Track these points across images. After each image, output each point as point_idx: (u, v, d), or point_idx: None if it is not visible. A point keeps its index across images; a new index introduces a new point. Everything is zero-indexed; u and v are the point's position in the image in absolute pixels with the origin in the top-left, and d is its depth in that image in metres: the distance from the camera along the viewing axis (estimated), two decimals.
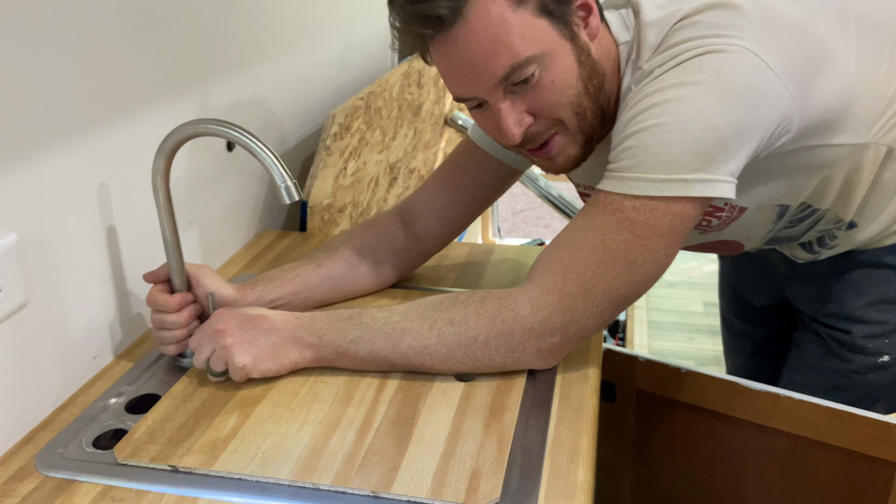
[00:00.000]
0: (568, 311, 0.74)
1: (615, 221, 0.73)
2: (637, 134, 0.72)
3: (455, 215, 0.98)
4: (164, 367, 0.85)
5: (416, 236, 0.98)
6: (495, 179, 0.97)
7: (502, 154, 0.95)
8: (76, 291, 0.81)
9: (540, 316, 0.74)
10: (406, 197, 1.01)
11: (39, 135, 0.74)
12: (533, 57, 0.72)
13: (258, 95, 1.18)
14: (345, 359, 0.78)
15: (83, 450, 0.72)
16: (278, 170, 0.73)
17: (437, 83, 1.87)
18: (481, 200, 0.98)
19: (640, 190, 0.72)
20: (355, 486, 0.65)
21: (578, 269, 0.73)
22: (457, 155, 0.98)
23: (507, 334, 0.75)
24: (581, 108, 0.77)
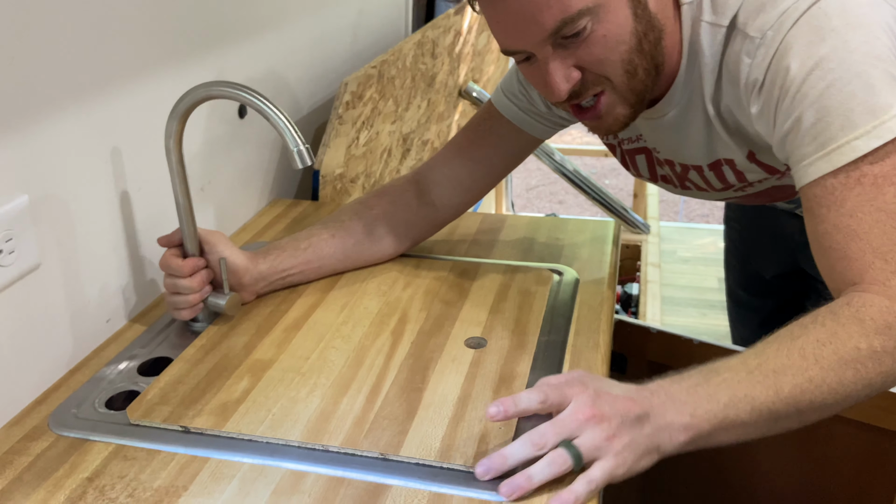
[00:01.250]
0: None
1: (870, 187, 0.66)
2: (813, 106, 0.67)
3: (472, 185, 0.96)
4: (177, 330, 0.86)
5: (431, 205, 0.97)
6: (516, 149, 0.96)
7: (526, 124, 0.93)
8: (89, 254, 0.81)
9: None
10: (423, 163, 1.00)
11: (52, 97, 0.74)
12: (586, 9, 0.68)
13: (271, 62, 1.17)
14: (724, 430, 0.62)
15: (96, 410, 0.73)
16: (291, 134, 0.73)
17: (451, 53, 1.85)
18: (500, 170, 0.97)
19: (863, 147, 0.65)
20: (364, 448, 0.65)
21: (887, 247, 0.65)
22: (478, 122, 0.96)
23: (885, 329, 0.63)
24: (632, 66, 0.73)
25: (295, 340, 0.82)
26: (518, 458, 0.62)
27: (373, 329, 0.84)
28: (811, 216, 0.70)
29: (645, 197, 2.65)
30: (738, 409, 0.62)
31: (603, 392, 0.63)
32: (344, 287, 0.93)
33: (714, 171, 0.86)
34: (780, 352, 0.64)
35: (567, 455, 0.60)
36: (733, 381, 0.63)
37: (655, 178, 0.96)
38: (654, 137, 0.88)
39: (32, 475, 0.64)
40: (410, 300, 0.89)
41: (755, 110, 0.73)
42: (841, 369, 0.63)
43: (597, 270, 0.97)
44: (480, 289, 0.92)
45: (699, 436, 0.62)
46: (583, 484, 0.60)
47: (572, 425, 0.61)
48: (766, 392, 0.62)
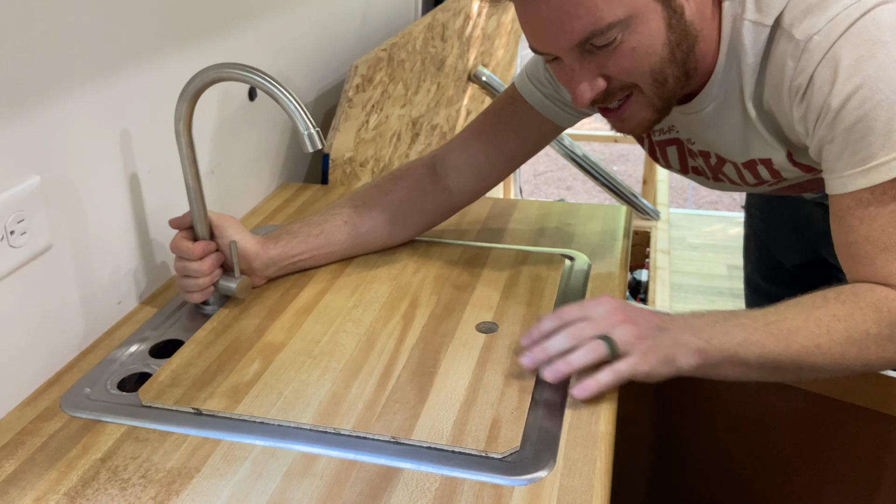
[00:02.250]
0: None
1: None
2: (858, 124, 0.67)
3: (490, 171, 0.95)
4: (188, 313, 0.86)
5: (447, 190, 0.96)
6: (538, 137, 0.94)
7: (550, 111, 0.91)
8: (100, 237, 0.81)
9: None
10: (441, 146, 0.99)
11: (63, 78, 0.73)
12: (616, 22, 0.66)
13: (281, 44, 1.16)
14: (730, 363, 0.69)
15: (108, 392, 0.73)
16: (301, 116, 0.72)
17: (461, 37, 1.84)
18: (520, 157, 0.95)
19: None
20: (376, 431, 0.65)
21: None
22: (501, 108, 0.94)
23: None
24: (662, 76, 0.72)
25: (305, 324, 0.82)
26: (558, 349, 0.69)
27: (383, 313, 0.83)
28: (841, 224, 0.72)
29: (654, 183, 2.64)
30: (748, 350, 0.69)
31: (626, 304, 0.72)
32: (354, 271, 0.92)
33: (749, 170, 0.85)
34: (798, 315, 0.70)
35: (604, 345, 0.67)
36: (750, 327, 0.69)
37: (686, 170, 0.94)
38: (688, 129, 0.86)
39: (45, 456, 0.65)
40: (421, 284, 0.89)
41: (798, 115, 0.72)
42: (847, 345, 0.68)
43: (608, 256, 0.97)
44: (491, 273, 0.91)
45: (708, 363, 0.69)
46: (608, 373, 0.67)
47: (606, 323, 0.69)
48: (777, 344, 0.68)
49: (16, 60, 0.67)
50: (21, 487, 0.61)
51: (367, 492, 0.60)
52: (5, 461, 0.64)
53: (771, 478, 1.02)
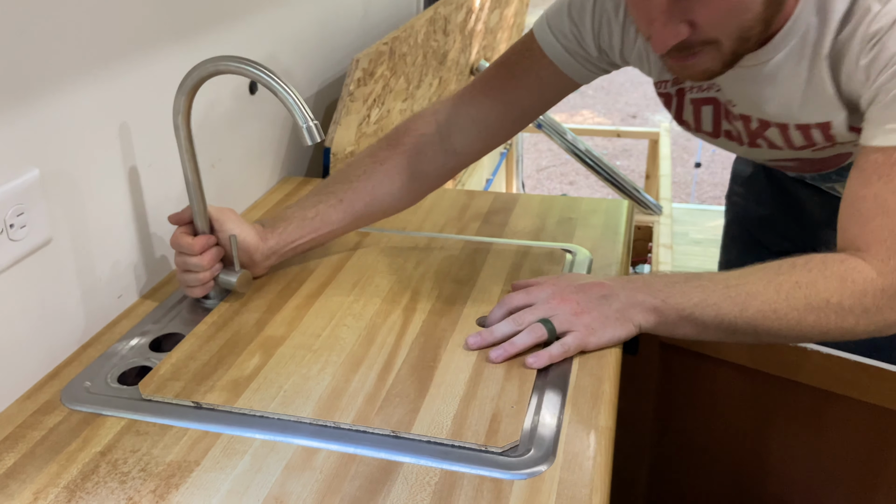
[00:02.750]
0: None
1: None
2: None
3: (499, 130, 0.91)
4: (188, 307, 0.86)
5: (452, 152, 0.91)
6: (553, 93, 0.89)
7: (570, 67, 0.86)
8: (100, 231, 0.81)
9: (889, 280, 0.69)
10: (446, 102, 0.92)
11: (62, 70, 0.73)
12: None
13: (282, 37, 1.16)
14: (687, 323, 0.73)
15: (108, 385, 0.73)
16: (300, 110, 0.72)
17: (463, 31, 1.83)
18: (531, 114, 0.91)
19: None
20: (376, 425, 0.65)
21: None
22: (516, 60, 0.88)
23: (860, 294, 0.69)
24: (748, 34, 0.69)
25: (306, 318, 0.81)
26: (503, 333, 0.74)
27: (384, 307, 0.83)
28: (861, 176, 0.71)
29: (657, 178, 2.63)
30: (704, 311, 0.71)
31: (569, 282, 0.77)
32: (355, 265, 0.92)
33: (801, 132, 0.81)
34: (760, 280, 0.71)
35: (542, 327, 0.73)
36: (709, 289, 0.72)
37: (718, 133, 0.90)
38: (734, 89, 0.82)
39: (45, 449, 0.65)
40: (422, 279, 0.89)
41: (864, 62, 0.70)
42: (805, 312, 0.70)
43: (610, 250, 0.96)
44: (492, 268, 0.91)
45: (665, 321, 0.73)
46: (557, 346, 0.72)
47: (544, 307, 0.74)
48: (733, 308, 0.71)
49: (15, 53, 0.67)
50: (21, 481, 0.61)
51: (366, 486, 0.60)
52: (5, 454, 0.64)
53: (772, 472, 1.02)
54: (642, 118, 4.97)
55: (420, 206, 1.09)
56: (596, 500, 0.58)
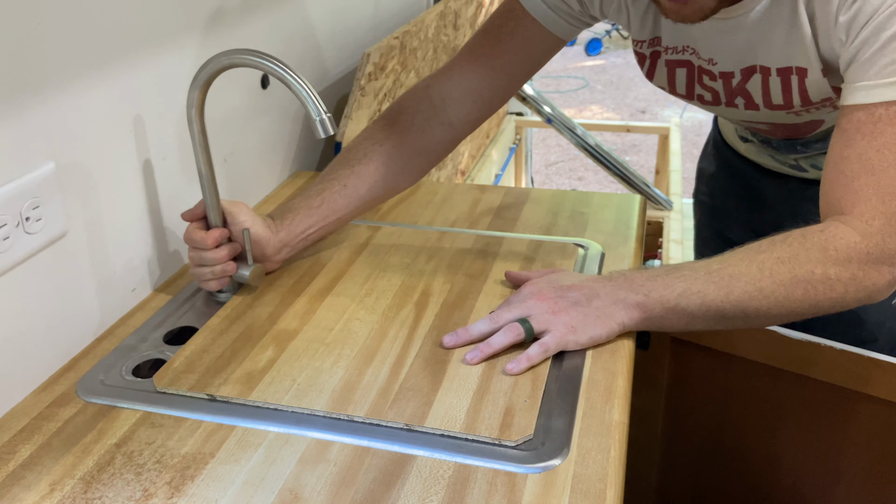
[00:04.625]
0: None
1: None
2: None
3: (493, 97, 0.91)
4: (202, 300, 0.86)
5: (447, 124, 0.91)
6: (540, 53, 0.89)
7: (554, 24, 0.86)
8: (115, 224, 0.81)
9: (874, 241, 0.68)
10: (435, 75, 0.92)
11: (76, 64, 0.73)
12: None
13: (293, 32, 1.16)
14: (674, 315, 0.71)
15: (123, 378, 0.73)
16: (313, 102, 0.72)
17: (473, 25, 1.83)
18: (521, 78, 0.91)
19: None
20: (389, 418, 0.65)
21: (892, 189, 0.68)
22: (499, 25, 0.88)
23: (846, 261, 0.68)
24: None
25: (319, 311, 0.82)
26: (480, 332, 0.74)
27: (396, 301, 0.83)
28: (842, 137, 0.70)
29: (667, 173, 2.62)
30: (689, 300, 0.70)
31: (549, 282, 0.75)
32: (366, 259, 0.92)
33: (781, 78, 0.81)
34: (741, 261, 0.70)
35: (519, 326, 0.72)
36: (691, 278, 0.71)
37: (692, 96, 0.91)
38: (717, 44, 0.82)
39: (61, 441, 0.65)
40: (434, 273, 0.89)
41: (844, 19, 0.69)
42: (792, 286, 0.68)
43: (622, 245, 0.96)
44: (504, 262, 0.91)
45: (651, 316, 0.71)
46: (535, 347, 0.71)
47: (522, 306, 0.73)
48: (718, 292, 0.69)
49: (30, 47, 0.67)
50: (37, 472, 0.62)
51: (380, 478, 0.60)
52: (21, 446, 0.65)
53: (784, 468, 1.02)
54: (651, 113, 4.95)
55: (431, 200, 1.09)
56: (610, 495, 0.58)
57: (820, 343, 0.91)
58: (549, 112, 2.21)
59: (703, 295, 0.70)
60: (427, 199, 1.09)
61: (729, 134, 1.15)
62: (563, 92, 5.40)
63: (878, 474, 0.95)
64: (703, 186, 1.25)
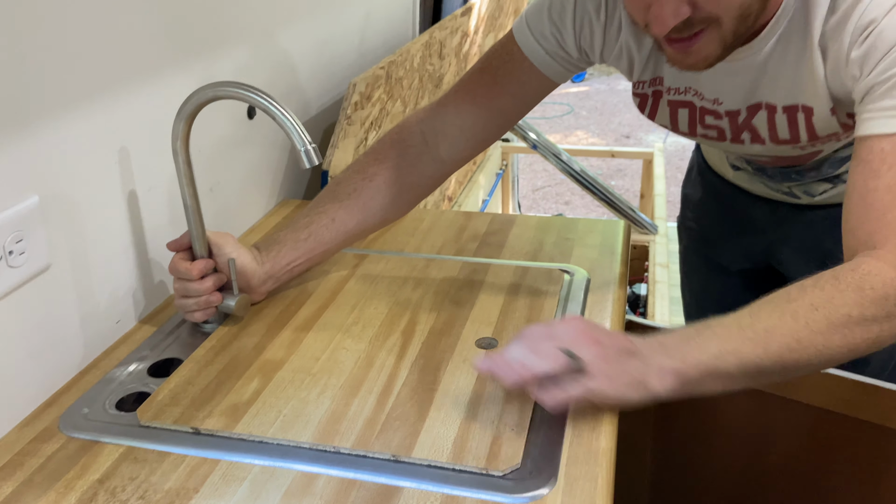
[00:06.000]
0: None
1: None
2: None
3: (486, 136, 0.92)
4: (187, 331, 0.86)
5: (439, 161, 0.92)
6: (534, 95, 0.90)
7: (550, 68, 0.87)
8: (99, 256, 0.81)
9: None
10: (429, 109, 0.93)
11: (61, 96, 0.73)
12: None
13: (279, 63, 1.17)
14: (711, 378, 0.65)
15: (106, 412, 0.72)
16: (298, 133, 0.72)
17: (458, 54, 1.85)
18: (514, 118, 0.92)
19: None
20: (376, 449, 0.65)
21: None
22: (497, 66, 0.88)
23: (883, 300, 0.65)
24: (748, 11, 0.68)
25: (305, 341, 0.81)
26: (515, 357, 0.66)
27: (383, 329, 0.83)
28: (866, 168, 0.68)
29: (652, 197, 2.64)
30: (726, 361, 0.65)
31: (594, 326, 0.69)
32: (353, 287, 0.92)
33: (787, 115, 0.81)
34: (773, 312, 0.66)
35: (564, 356, 0.64)
36: (724, 336, 0.66)
37: (694, 134, 0.91)
38: (725, 85, 0.82)
39: (43, 477, 0.64)
40: (420, 300, 0.89)
41: (856, 54, 0.69)
42: (829, 333, 0.64)
43: (607, 270, 0.97)
44: (491, 289, 0.91)
45: (688, 381, 0.65)
46: (577, 386, 0.64)
47: (568, 339, 0.66)
48: (755, 349, 0.64)
49: (15, 79, 0.68)
50: None
51: None
52: (3, 482, 0.64)
53: (773, 493, 1.02)
54: (636, 138, 5.01)
55: (418, 227, 1.09)
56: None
57: None
58: (534, 138, 2.23)
59: (739, 354, 0.65)
60: (414, 227, 1.10)
61: (715, 161, 1.16)
62: (548, 118, 5.45)
63: (865, 496, 0.95)
64: (689, 212, 1.26)
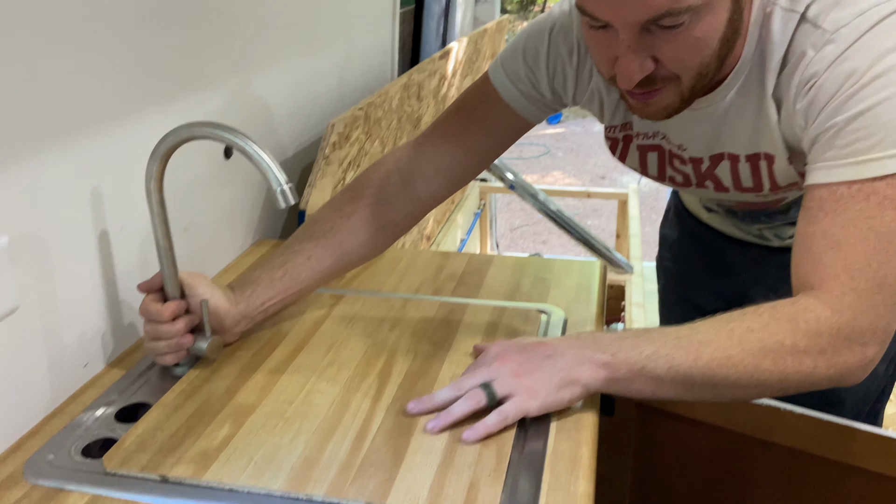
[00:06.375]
0: (871, 309, 0.67)
1: (874, 205, 0.67)
2: (869, 112, 0.66)
3: (462, 175, 0.93)
4: (157, 375, 0.84)
5: (416, 199, 0.92)
6: (510, 135, 0.91)
7: (525, 109, 0.89)
8: (68, 297, 0.79)
9: (845, 317, 0.67)
10: (406, 148, 0.93)
11: (32, 136, 0.73)
12: (695, 6, 0.65)
13: (257, 103, 1.17)
14: (641, 378, 0.69)
15: (72, 458, 0.70)
16: (273, 173, 0.72)
17: (436, 96, 1.87)
18: (490, 158, 0.93)
19: (889, 168, 0.66)
20: (350, 496, 0.63)
21: (860, 264, 0.67)
22: (473, 106, 0.90)
23: (815, 335, 0.67)
24: (706, 69, 0.71)
25: (278, 384, 0.80)
26: (444, 399, 0.73)
27: (359, 371, 0.82)
28: (807, 215, 0.71)
29: (627, 238, 2.67)
30: (656, 363, 0.69)
31: (513, 344, 0.75)
32: (329, 329, 0.91)
33: (750, 164, 0.83)
34: (711, 328, 0.70)
35: (482, 392, 0.71)
36: (659, 340, 0.70)
37: (663, 178, 0.93)
38: (687, 133, 0.84)
39: None
40: (397, 341, 0.88)
41: (801, 105, 0.72)
42: (761, 356, 0.67)
43: (584, 310, 0.97)
44: (468, 329, 0.91)
45: (616, 377, 0.70)
46: (494, 416, 0.70)
47: (485, 371, 0.72)
48: (686, 357, 0.68)
49: None
50: None
51: None
52: None
53: None
54: (610, 179, 5.07)
55: (395, 267, 1.09)
56: None
57: (780, 408, 0.92)
58: (511, 179, 2.25)
59: (670, 359, 0.68)
60: (391, 266, 1.09)
61: (690, 202, 1.18)
62: (525, 158, 5.52)
63: None
64: (667, 252, 1.27)
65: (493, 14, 2.89)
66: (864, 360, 0.68)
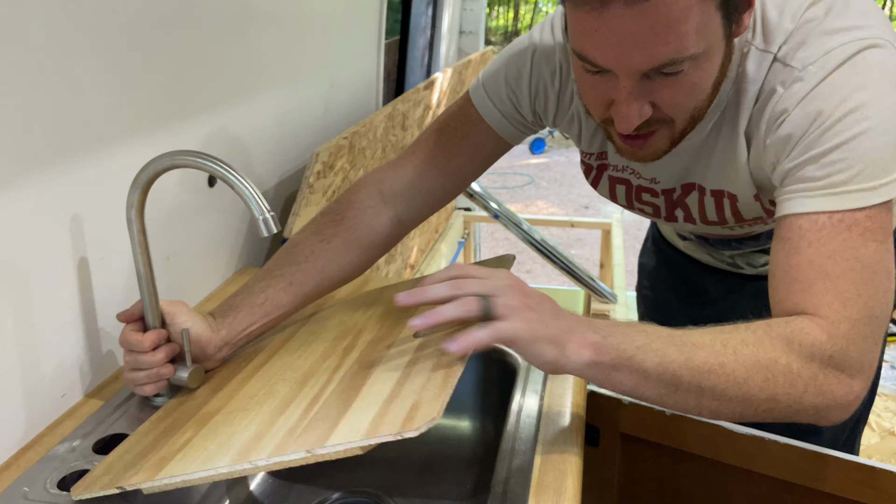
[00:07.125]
0: (861, 341, 0.67)
1: (857, 236, 0.67)
2: (844, 145, 0.67)
3: (443, 195, 0.93)
4: (136, 405, 0.82)
5: (397, 221, 0.92)
6: (490, 156, 0.92)
7: (506, 130, 0.89)
8: (46, 325, 0.78)
9: (839, 345, 0.66)
10: (387, 170, 0.93)
11: (11, 164, 0.72)
12: (696, 55, 0.65)
13: (242, 132, 1.17)
14: (626, 368, 0.65)
15: (47, 491, 0.69)
16: (256, 202, 0.72)
17: (420, 126, 1.89)
18: (471, 178, 0.93)
19: (867, 200, 0.67)
20: (291, 451, 0.61)
21: (851, 294, 0.66)
22: (454, 127, 0.90)
23: (808, 357, 0.65)
24: (698, 113, 0.72)
25: (247, 387, 0.78)
26: (437, 296, 0.66)
27: (326, 352, 0.80)
28: (787, 246, 0.70)
29: (611, 267, 2.68)
30: (647, 356, 0.65)
31: (532, 288, 0.68)
32: (304, 333, 0.89)
33: (714, 199, 0.84)
34: (705, 335, 0.67)
35: (477, 303, 0.64)
36: (653, 335, 0.67)
37: (632, 208, 0.94)
38: (661, 167, 0.85)
39: None
40: (368, 321, 0.86)
41: (771, 141, 0.73)
42: (753, 369, 0.65)
43: None
44: None
45: (600, 361, 0.65)
46: (487, 330, 0.63)
47: (493, 284, 0.66)
48: (678, 356, 0.65)
49: None
50: None
51: None
52: None
53: None
54: (594, 209, 5.11)
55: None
56: None
57: (765, 437, 0.92)
58: (495, 208, 2.26)
59: (662, 354, 0.65)
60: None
61: (667, 231, 1.19)
62: (509, 188, 5.55)
63: None
64: (645, 281, 1.28)
65: (478, 46, 2.93)
66: (849, 393, 0.67)
